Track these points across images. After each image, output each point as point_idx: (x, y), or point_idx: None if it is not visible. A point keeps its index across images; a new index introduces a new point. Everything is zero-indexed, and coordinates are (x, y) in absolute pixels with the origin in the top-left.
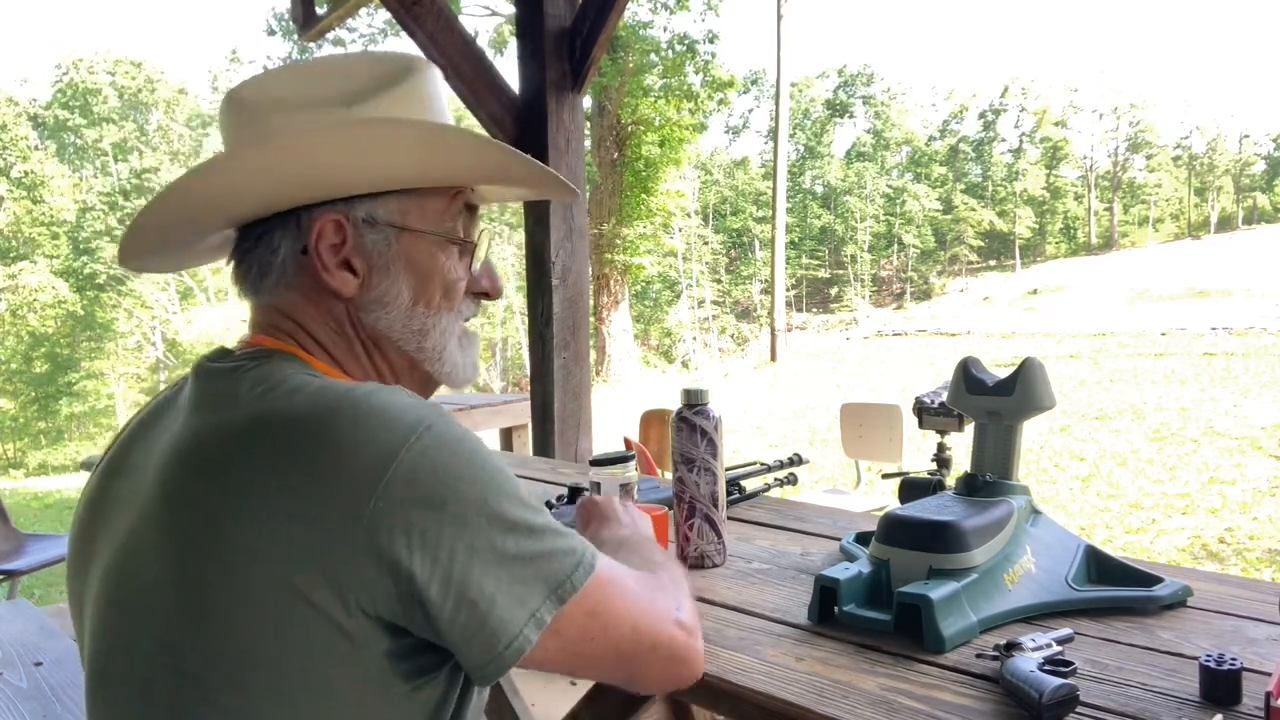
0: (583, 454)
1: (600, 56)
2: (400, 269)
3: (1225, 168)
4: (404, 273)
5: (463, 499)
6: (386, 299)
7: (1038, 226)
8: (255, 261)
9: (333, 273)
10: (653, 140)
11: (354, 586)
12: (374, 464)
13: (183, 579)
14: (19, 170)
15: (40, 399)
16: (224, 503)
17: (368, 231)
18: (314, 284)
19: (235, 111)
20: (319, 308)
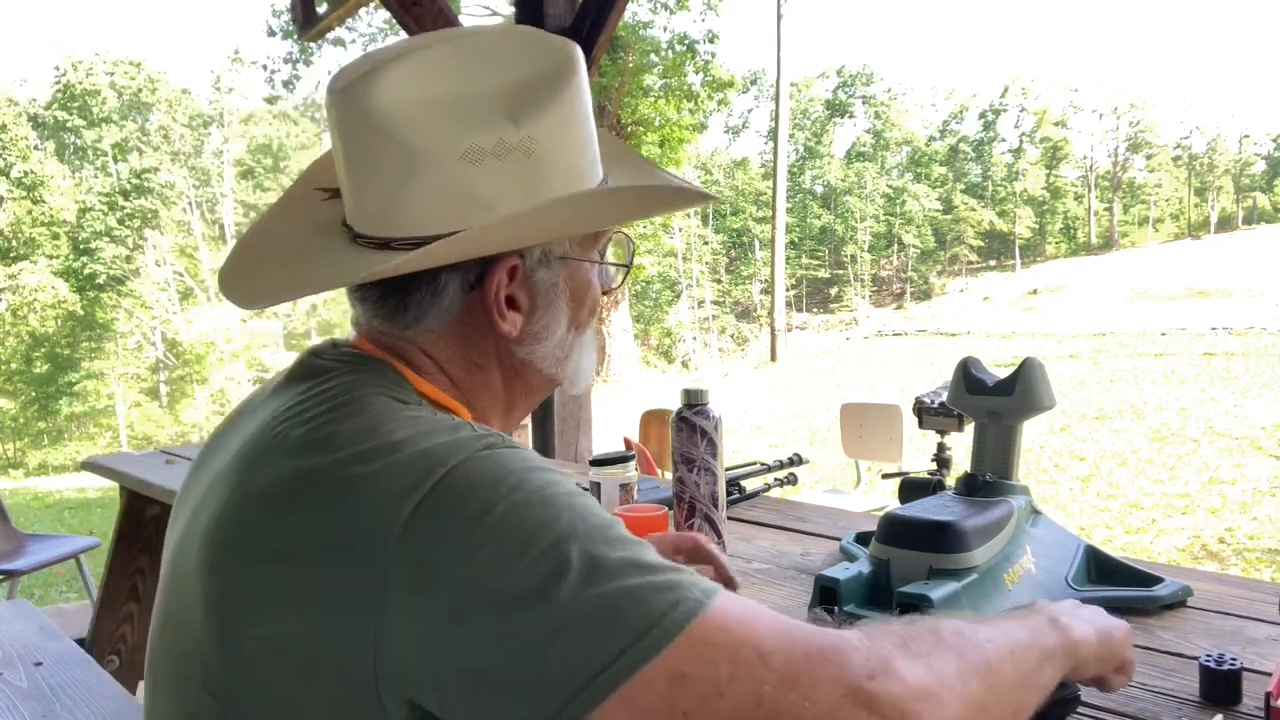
0: (583, 454)
1: (600, 56)
2: (563, 301)
3: (1225, 168)
4: (565, 304)
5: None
6: (544, 333)
7: (1038, 226)
8: (414, 303)
9: (505, 316)
10: (653, 140)
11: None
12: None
13: (213, 610)
14: (19, 170)
15: (40, 399)
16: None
17: (541, 270)
18: (474, 319)
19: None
20: (473, 344)
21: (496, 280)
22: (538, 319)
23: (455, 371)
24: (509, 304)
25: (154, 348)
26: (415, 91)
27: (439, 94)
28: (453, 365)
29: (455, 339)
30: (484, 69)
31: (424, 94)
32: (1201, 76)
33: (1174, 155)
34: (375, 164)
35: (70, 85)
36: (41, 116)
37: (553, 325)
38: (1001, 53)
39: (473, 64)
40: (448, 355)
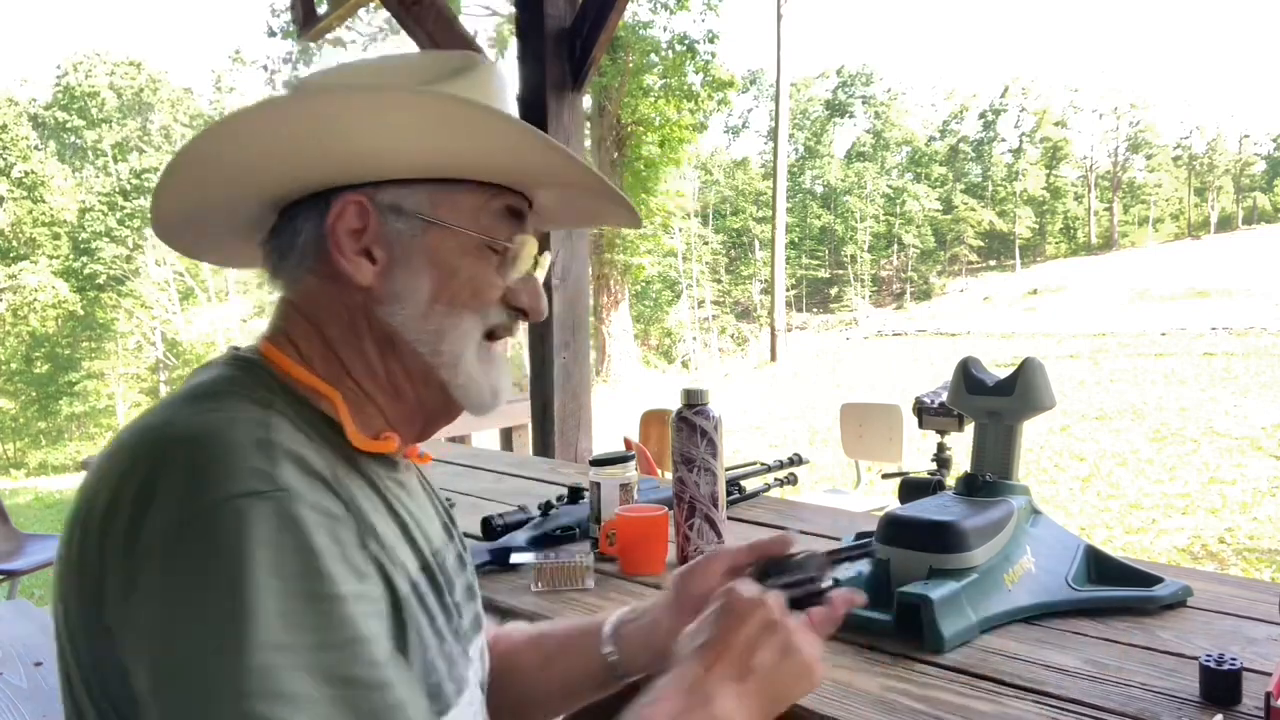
0: (583, 454)
1: (600, 56)
2: (423, 263)
3: (1225, 168)
4: (426, 267)
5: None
6: (404, 293)
7: (1038, 226)
8: (279, 245)
9: (349, 257)
10: (652, 140)
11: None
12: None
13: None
14: (19, 170)
15: (40, 399)
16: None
17: (392, 219)
18: (331, 270)
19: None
20: (335, 299)
21: (338, 210)
22: (396, 276)
23: (335, 334)
24: (366, 256)
25: (154, 348)
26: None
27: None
28: (331, 324)
29: (320, 292)
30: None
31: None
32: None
33: (1174, 155)
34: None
35: (71, 86)
36: (42, 116)
37: (411, 285)
38: (1001, 53)
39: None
40: (321, 310)
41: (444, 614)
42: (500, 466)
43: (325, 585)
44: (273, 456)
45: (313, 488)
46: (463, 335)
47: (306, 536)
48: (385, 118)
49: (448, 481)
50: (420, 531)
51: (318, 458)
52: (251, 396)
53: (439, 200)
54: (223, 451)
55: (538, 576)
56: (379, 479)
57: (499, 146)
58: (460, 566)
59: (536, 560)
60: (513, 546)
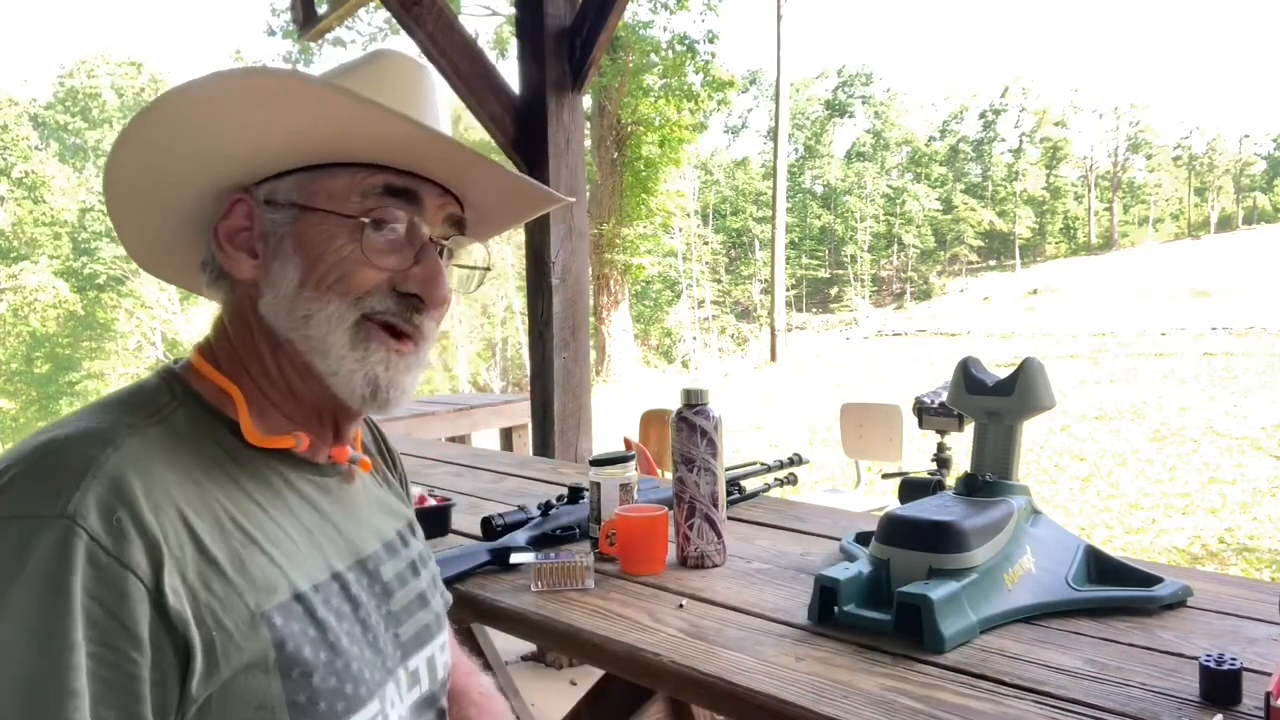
0: (583, 454)
1: (600, 56)
2: (292, 249)
3: (1225, 168)
4: (295, 253)
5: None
6: (276, 282)
7: (1038, 226)
8: (205, 260)
9: (228, 253)
10: (652, 140)
11: None
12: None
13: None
14: (20, 170)
15: (41, 399)
16: None
17: (269, 212)
18: (224, 271)
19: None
20: (230, 299)
21: (224, 211)
22: (272, 268)
23: (225, 347)
24: (249, 252)
25: (154, 348)
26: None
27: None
28: (225, 337)
29: (224, 299)
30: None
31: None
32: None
33: (1174, 155)
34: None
35: (73, 88)
36: (42, 117)
37: (283, 274)
38: (1001, 53)
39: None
40: (230, 314)
41: (358, 625)
42: (500, 466)
43: (62, 628)
44: (85, 476)
45: (109, 522)
46: (329, 318)
47: (65, 570)
48: (230, 107)
49: (448, 481)
50: (340, 539)
51: (180, 474)
52: (138, 406)
53: (310, 186)
54: (46, 467)
55: (538, 576)
56: (285, 484)
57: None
58: (412, 574)
59: (536, 560)
60: (513, 546)
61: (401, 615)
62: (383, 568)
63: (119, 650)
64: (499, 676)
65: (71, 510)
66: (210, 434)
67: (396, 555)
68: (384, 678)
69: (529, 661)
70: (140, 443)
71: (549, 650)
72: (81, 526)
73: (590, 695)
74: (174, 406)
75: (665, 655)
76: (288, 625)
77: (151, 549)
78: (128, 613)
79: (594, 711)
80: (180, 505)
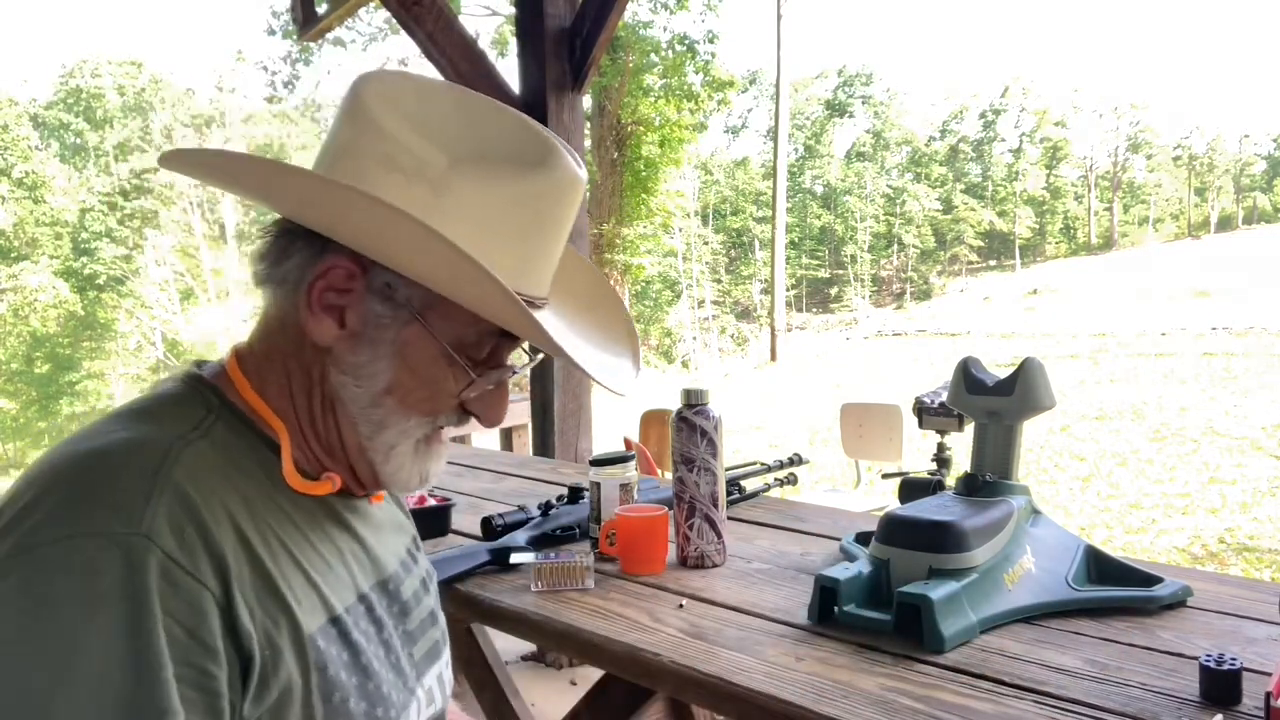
0: (583, 454)
1: (600, 56)
2: (390, 351)
3: (1225, 168)
4: (392, 356)
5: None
6: (361, 371)
7: (1038, 226)
8: (271, 251)
9: (315, 314)
10: (653, 140)
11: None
12: None
13: None
14: (20, 170)
15: (41, 399)
16: None
17: (378, 301)
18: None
19: (349, 104)
20: (302, 338)
21: (325, 268)
22: (360, 351)
23: (277, 374)
24: (337, 317)
25: (154, 348)
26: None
27: (407, 114)
28: (294, 355)
29: (291, 326)
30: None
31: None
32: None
33: (1174, 155)
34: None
35: (74, 87)
36: (43, 117)
37: (370, 370)
38: (1001, 53)
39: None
40: (283, 344)
41: (381, 647)
42: (500, 466)
43: (149, 647)
44: (153, 489)
45: (182, 539)
46: (403, 433)
47: (146, 588)
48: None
49: (448, 481)
50: (368, 558)
51: (229, 490)
52: (181, 417)
53: (436, 301)
54: (103, 478)
55: (538, 576)
56: (318, 502)
57: (500, 315)
58: (424, 591)
59: (536, 560)
60: (512, 546)
61: (416, 633)
62: (402, 586)
63: (201, 668)
64: (499, 676)
65: (145, 528)
66: (249, 450)
67: (410, 573)
68: (407, 699)
69: (529, 661)
70: (194, 455)
71: (549, 650)
72: (156, 544)
73: (590, 695)
74: (212, 420)
75: (665, 655)
76: (328, 648)
77: (219, 565)
78: (206, 629)
79: (594, 711)
80: (236, 521)
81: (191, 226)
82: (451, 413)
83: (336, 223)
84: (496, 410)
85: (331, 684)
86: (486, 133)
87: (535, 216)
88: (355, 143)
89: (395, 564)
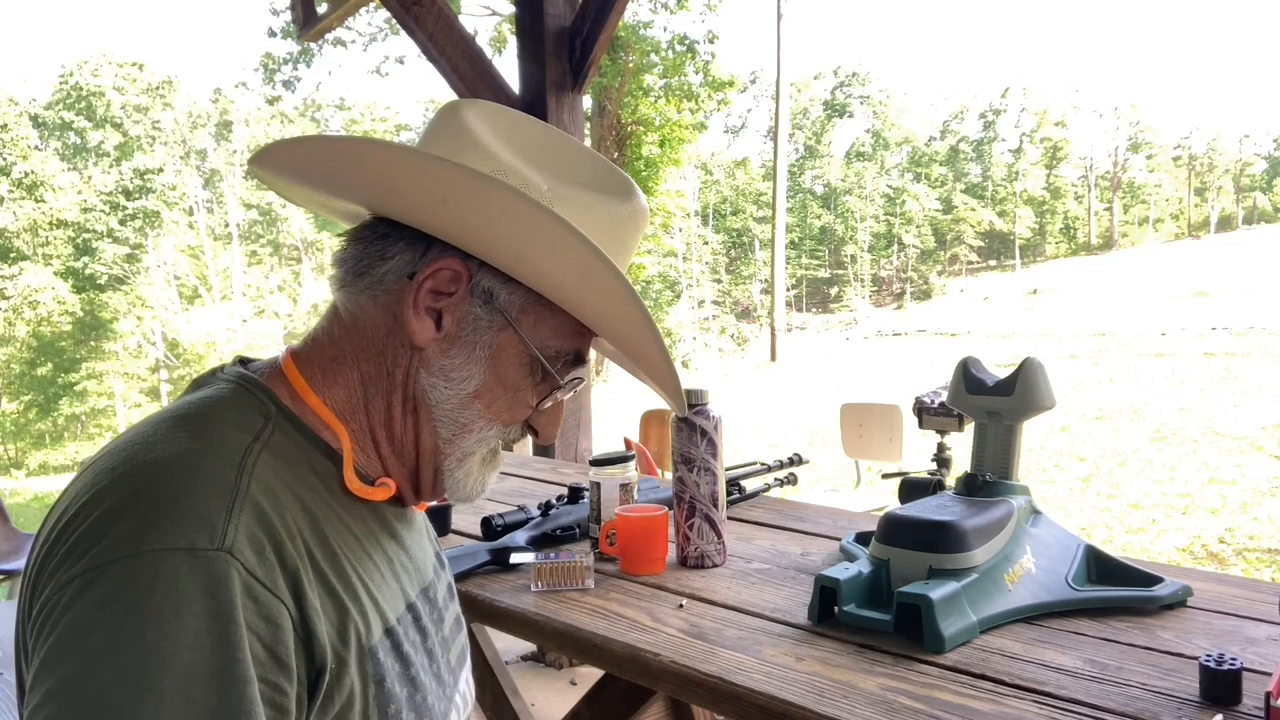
0: (583, 454)
1: (600, 56)
2: (484, 355)
3: (1225, 168)
4: (485, 360)
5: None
6: (453, 374)
7: (1038, 226)
8: (365, 254)
9: (419, 313)
10: (653, 140)
11: None
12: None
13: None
14: (20, 170)
15: (42, 400)
16: None
17: (478, 304)
18: (397, 311)
19: (447, 125)
20: (386, 339)
21: (434, 269)
22: (455, 354)
23: (370, 370)
24: (435, 319)
25: (154, 348)
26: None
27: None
28: (370, 362)
29: (380, 326)
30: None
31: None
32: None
33: (1174, 155)
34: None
35: (76, 87)
36: (43, 117)
37: (464, 372)
38: (1001, 53)
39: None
40: (369, 345)
41: (426, 656)
42: (500, 466)
43: (235, 663)
44: (233, 504)
45: (261, 554)
46: (481, 440)
47: (230, 604)
48: (532, 226)
49: None
50: (413, 565)
51: (293, 501)
52: (243, 423)
53: (530, 309)
54: (181, 488)
55: (538, 576)
56: (372, 512)
57: (615, 317)
58: (450, 596)
59: (536, 560)
60: (513, 546)
61: (450, 639)
62: (437, 593)
63: (276, 685)
64: (499, 676)
65: (229, 544)
66: (306, 459)
67: (440, 579)
68: (447, 708)
69: (529, 661)
70: (263, 468)
71: (549, 650)
72: (239, 559)
73: (590, 695)
74: (270, 429)
75: (665, 655)
76: (385, 660)
77: (293, 580)
78: (282, 645)
79: (594, 711)
80: (303, 535)
81: (196, 224)
82: (520, 426)
83: (472, 215)
84: (554, 426)
85: (387, 696)
86: (573, 162)
87: (620, 242)
88: (460, 157)
89: (431, 570)
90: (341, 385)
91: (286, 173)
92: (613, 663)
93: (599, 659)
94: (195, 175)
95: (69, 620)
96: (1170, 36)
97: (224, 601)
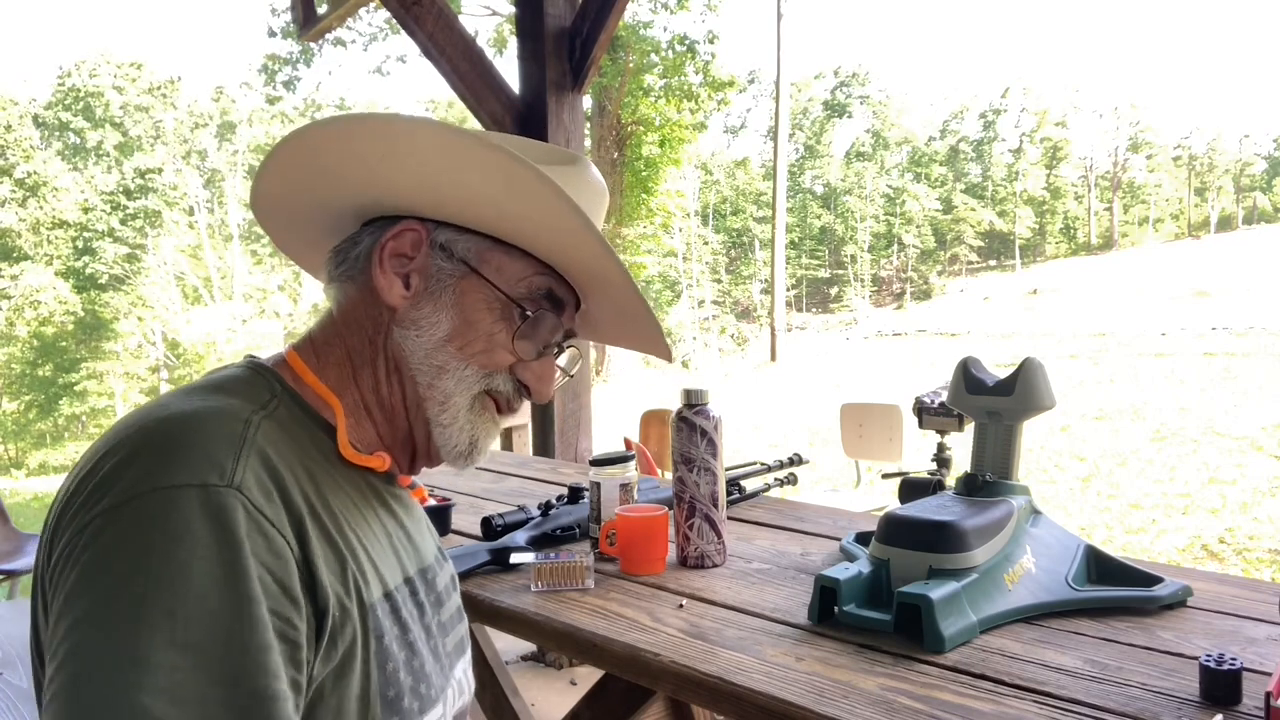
0: (583, 454)
1: (600, 56)
2: (450, 302)
3: (1225, 168)
4: (451, 308)
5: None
6: (423, 323)
7: (1038, 226)
8: (342, 249)
9: (386, 274)
10: (653, 140)
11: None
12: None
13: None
14: (22, 171)
15: (42, 400)
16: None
17: (440, 257)
18: (369, 282)
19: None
20: (365, 311)
21: (394, 232)
22: (423, 306)
23: (355, 343)
24: (403, 279)
25: (154, 348)
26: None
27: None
28: (353, 334)
29: (358, 302)
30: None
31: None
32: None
33: (1174, 155)
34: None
35: (75, 87)
36: (44, 117)
37: (433, 320)
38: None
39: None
40: (352, 320)
41: (423, 631)
42: (500, 466)
43: (245, 584)
44: (240, 451)
45: (268, 495)
46: (460, 381)
47: (238, 534)
48: (461, 160)
49: (448, 481)
50: (411, 545)
51: (296, 462)
52: (251, 395)
53: (488, 254)
54: (193, 437)
55: (537, 576)
56: (374, 486)
57: (556, 226)
58: (452, 588)
59: (536, 560)
60: (512, 546)
61: (448, 625)
62: (437, 579)
63: (286, 617)
64: (499, 676)
65: (238, 481)
66: (307, 432)
67: (443, 569)
68: (444, 682)
69: (529, 661)
70: (268, 429)
71: (549, 650)
72: (247, 496)
73: (590, 695)
74: (276, 403)
75: (665, 655)
76: (384, 619)
77: (298, 524)
78: (290, 577)
79: (594, 711)
80: (304, 490)
81: (197, 224)
82: (506, 375)
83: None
84: (546, 382)
85: (386, 653)
86: (524, 144)
87: (585, 203)
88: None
89: (431, 557)
90: (334, 364)
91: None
92: (613, 663)
93: (599, 659)
94: (196, 175)
95: (89, 558)
96: (1170, 36)
97: (233, 530)
